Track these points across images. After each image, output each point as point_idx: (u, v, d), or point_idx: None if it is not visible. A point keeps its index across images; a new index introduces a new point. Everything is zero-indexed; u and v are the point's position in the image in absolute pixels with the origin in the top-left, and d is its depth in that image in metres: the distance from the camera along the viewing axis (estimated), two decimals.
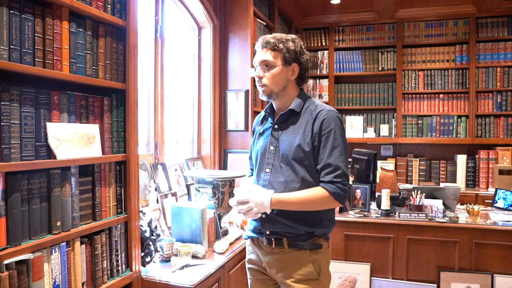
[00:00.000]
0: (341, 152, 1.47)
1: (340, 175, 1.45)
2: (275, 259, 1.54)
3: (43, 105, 1.28)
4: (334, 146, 1.47)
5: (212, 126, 3.17)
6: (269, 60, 1.53)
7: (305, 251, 1.51)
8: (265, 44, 1.55)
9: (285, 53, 1.53)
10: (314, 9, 4.45)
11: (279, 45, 1.53)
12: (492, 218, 2.73)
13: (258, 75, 1.56)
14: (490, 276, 2.51)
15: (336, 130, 1.48)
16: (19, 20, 1.18)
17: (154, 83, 2.61)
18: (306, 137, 1.50)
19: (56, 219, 1.30)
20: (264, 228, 1.55)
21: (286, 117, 1.58)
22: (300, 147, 1.50)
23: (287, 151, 1.52)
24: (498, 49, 4.19)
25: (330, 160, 1.46)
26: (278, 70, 1.54)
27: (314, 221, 1.52)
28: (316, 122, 1.50)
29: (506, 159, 4.02)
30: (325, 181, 1.46)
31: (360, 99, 4.64)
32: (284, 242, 1.52)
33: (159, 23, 2.63)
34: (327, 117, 1.49)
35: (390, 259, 2.70)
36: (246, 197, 1.50)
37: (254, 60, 1.60)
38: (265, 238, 1.56)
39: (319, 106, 1.54)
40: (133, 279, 1.63)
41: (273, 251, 1.55)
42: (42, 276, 1.23)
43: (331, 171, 1.45)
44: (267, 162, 1.58)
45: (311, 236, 1.52)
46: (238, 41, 3.22)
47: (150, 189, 2.32)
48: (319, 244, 1.53)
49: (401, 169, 4.47)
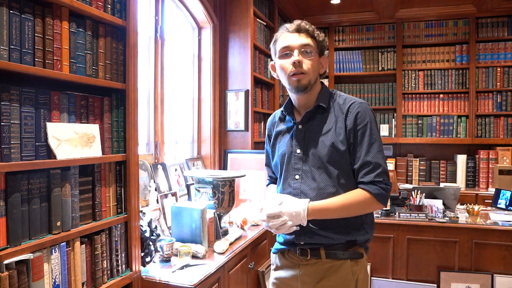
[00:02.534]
0: (379, 147, 1.33)
1: (381, 174, 1.30)
2: (310, 271, 1.38)
3: (43, 105, 1.28)
4: (372, 142, 1.32)
5: (212, 126, 3.17)
6: (311, 45, 1.35)
7: (345, 261, 1.35)
8: (301, 29, 1.36)
9: (320, 43, 1.38)
10: (314, 9, 4.45)
11: (315, 33, 1.37)
12: (492, 218, 2.73)
13: (298, 59, 1.33)
14: (490, 276, 2.51)
15: (372, 124, 1.34)
16: (19, 20, 1.18)
17: (154, 83, 2.61)
18: (339, 134, 1.34)
19: (56, 219, 1.30)
20: (298, 239, 1.38)
21: (312, 114, 1.41)
22: (333, 146, 1.34)
23: (319, 153, 1.35)
24: (498, 49, 4.19)
25: (369, 157, 1.31)
26: (316, 59, 1.37)
27: (354, 227, 1.36)
28: (349, 117, 1.34)
29: (506, 159, 4.02)
30: (365, 181, 1.31)
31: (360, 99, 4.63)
32: (322, 252, 1.36)
33: (159, 23, 2.63)
34: (360, 110, 1.34)
35: (390, 259, 2.70)
36: (278, 209, 1.30)
37: (286, 43, 1.36)
38: (299, 248, 1.39)
39: (349, 99, 1.39)
40: (133, 279, 1.63)
41: (308, 262, 1.38)
42: (42, 276, 1.23)
43: (371, 169, 1.30)
44: (296, 168, 1.40)
45: (351, 245, 1.37)
46: (238, 41, 3.22)
47: (150, 189, 2.32)
48: (360, 253, 1.38)
49: (401, 169, 4.47)
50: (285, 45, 1.36)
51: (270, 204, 1.34)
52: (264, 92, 3.65)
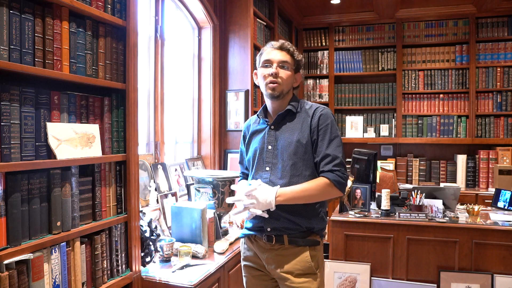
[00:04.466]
0: (338, 144, 1.56)
1: (338, 164, 1.53)
2: (274, 255, 1.59)
3: (43, 105, 1.28)
4: (331, 139, 1.56)
5: (212, 126, 3.17)
6: (289, 62, 1.63)
7: (304, 247, 1.57)
8: (286, 48, 1.65)
9: (297, 62, 1.66)
10: (314, 9, 4.45)
11: (294, 53, 1.65)
12: (492, 218, 2.73)
13: (275, 71, 1.61)
14: (490, 276, 2.51)
15: (332, 124, 1.59)
16: (19, 20, 1.18)
17: (154, 83, 2.61)
18: (304, 132, 1.58)
19: (56, 219, 1.30)
20: (267, 224, 1.58)
21: (283, 117, 1.65)
22: (299, 141, 1.57)
23: (287, 147, 1.59)
24: (498, 49, 4.19)
25: (328, 151, 1.54)
26: (290, 74, 1.64)
27: (313, 214, 1.59)
28: (313, 118, 1.59)
29: (506, 159, 4.02)
30: (325, 170, 1.53)
31: (360, 99, 4.64)
32: (285, 239, 1.57)
33: (159, 23, 2.63)
34: (323, 113, 1.59)
35: (390, 259, 2.70)
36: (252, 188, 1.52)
37: (268, 57, 1.65)
38: (265, 235, 1.60)
39: (314, 105, 1.65)
40: (133, 279, 1.63)
41: (272, 247, 1.59)
42: (42, 276, 1.23)
43: (330, 160, 1.53)
44: (266, 161, 1.63)
45: (310, 233, 1.59)
46: (238, 41, 3.22)
47: (150, 189, 2.32)
48: (317, 241, 1.61)
49: (401, 169, 4.47)
50: (267, 58, 1.65)
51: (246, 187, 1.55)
52: None
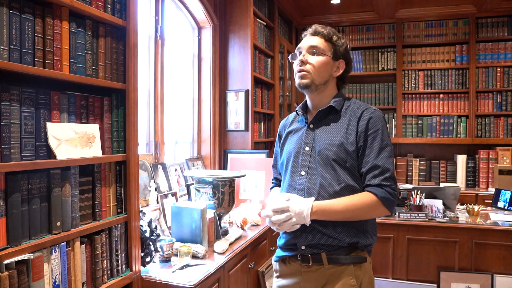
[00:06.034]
0: (390, 153, 1.34)
1: (388, 178, 1.31)
2: (312, 278, 1.35)
3: (43, 105, 1.28)
4: (382, 147, 1.33)
5: (212, 126, 3.17)
6: (320, 46, 1.42)
7: (348, 266, 1.33)
8: (318, 32, 1.44)
9: (337, 46, 1.44)
10: (314, 9, 4.45)
11: (332, 36, 1.44)
12: (492, 218, 2.73)
13: (302, 59, 1.42)
14: (490, 276, 2.51)
15: (383, 130, 1.36)
16: (19, 20, 1.18)
17: (154, 83, 2.61)
18: (349, 136, 1.36)
19: (56, 219, 1.30)
20: (300, 241, 1.36)
21: (325, 114, 1.44)
22: (342, 146, 1.35)
23: (327, 151, 1.36)
24: (498, 49, 4.19)
25: (378, 161, 1.31)
26: (326, 60, 1.42)
27: (357, 230, 1.35)
28: (361, 121, 1.37)
29: (506, 159, 4.02)
30: (373, 184, 1.31)
31: (360, 99, 4.63)
32: (323, 257, 1.33)
33: (159, 23, 2.63)
34: (373, 116, 1.37)
35: (390, 259, 2.70)
36: (285, 205, 1.31)
37: (299, 45, 1.46)
38: (300, 255, 1.37)
39: (363, 105, 1.43)
40: (133, 279, 1.63)
41: (309, 269, 1.36)
42: (42, 276, 1.23)
43: (379, 173, 1.31)
44: (302, 164, 1.41)
45: (353, 248, 1.35)
46: (238, 41, 3.22)
47: (150, 189, 2.32)
48: (363, 257, 1.36)
49: (401, 169, 4.47)
50: (298, 46, 1.47)
51: (277, 200, 1.34)
52: (264, 92, 3.65)
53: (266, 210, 1.37)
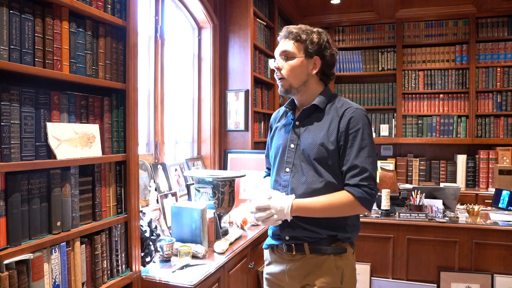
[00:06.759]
0: (369, 153, 1.36)
1: (367, 178, 1.34)
2: (296, 266, 1.44)
3: (43, 105, 1.28)
4: (362, 147, 1.36)
5: (212, 126, 3.17)
6: (289, 50, 1.44)
7: (329, 256, 1.40)
8: (288, 34, 1.45)
9: (307, 45, 1.43)
10: (314, 9, 4.46)
11: (302, 36, 1.44)
12: (492, 218, 2.73)
13: (276, 66, 1.45)
14: (490, 276, 2.51)
15: (364, 129, 1.37)
16: (19, 20, 1.18)
17: (154, 83, 2.61)
18: (330, 135, 1.39)
19: (56, 219, 1.30)
20: (284, 233, 1.44)
21: (309, 113, 1.47)
22: (323, 145, 1.39)
23: (309, 150, 1.41)
24: (498, 49, 4.19)
25: (357, 161, 1.35)
26: (298, 62, 1.44)
27: (336, 225, 1.41)
28: (342, 120, 1.39)
29: (506, 159, 4.02)
30: (351, 184, 1.35)
31: (360, 99, 4.64)
32: (305, 247, 1.41)
33: (159, 23, 2.63)
34: (354, 115, 1.38)
35: (390, 259, 2.70)
36: (266, 203, 1.39)
37: (275, 51, 1.49)
38: (285, 244, 1.45)
39: (346, 103, 1.44)
40: (133, 279, 1.63)
41: (294, 258, 1.45)
42: (42, 276, 1.23)
43: (357, 173, 1.34)
44: (287, 161, 1.47)
45: (334, 239, 1.42)
46: (238, 41, 3.22)
47: (150, 189, 2.32)
48: (343, 248, 1.42)
49: (401, 169, 4.47)
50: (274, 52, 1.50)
51: (260, 197, 1.42)
52: (264, 92, 3.65)
53: (251, 206, 1.45)
